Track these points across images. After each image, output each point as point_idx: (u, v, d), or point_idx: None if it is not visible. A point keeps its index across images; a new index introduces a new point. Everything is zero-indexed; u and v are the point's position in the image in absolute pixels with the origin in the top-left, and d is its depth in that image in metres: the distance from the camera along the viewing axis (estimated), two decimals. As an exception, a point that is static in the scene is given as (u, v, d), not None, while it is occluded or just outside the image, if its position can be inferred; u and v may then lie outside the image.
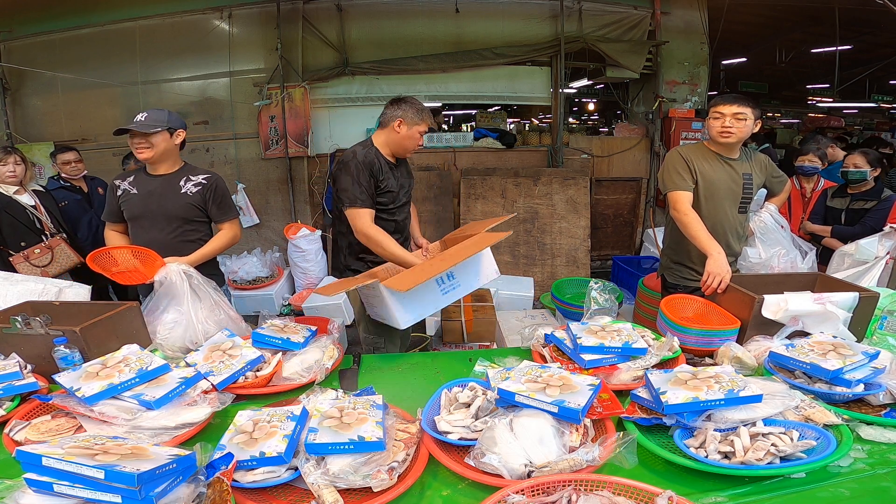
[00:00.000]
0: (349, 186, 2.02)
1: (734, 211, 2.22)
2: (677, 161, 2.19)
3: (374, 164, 2.08)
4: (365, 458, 1.05)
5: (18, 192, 2.88)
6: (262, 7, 4.64)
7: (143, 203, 2.10)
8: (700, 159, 2.19)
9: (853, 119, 11.91)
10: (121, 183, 2.15)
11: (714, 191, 2.18)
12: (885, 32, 6.51)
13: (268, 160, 4.86)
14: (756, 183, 2.26)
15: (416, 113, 2.12)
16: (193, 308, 1.81)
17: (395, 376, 1.65)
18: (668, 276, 2.38)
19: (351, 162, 2.05)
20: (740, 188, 2.20)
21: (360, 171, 2.04)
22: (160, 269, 1.85)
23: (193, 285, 1.85)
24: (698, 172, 2.17)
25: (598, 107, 11.51)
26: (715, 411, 1.15)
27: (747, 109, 2.08)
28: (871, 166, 2.98)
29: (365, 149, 2.13)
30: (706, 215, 2.16)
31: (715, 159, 2.20)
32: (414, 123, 2.12)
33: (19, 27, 4.70)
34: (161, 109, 2.12)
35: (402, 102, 2.14)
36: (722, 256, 1.92)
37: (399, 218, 2.26)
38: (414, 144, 2.18)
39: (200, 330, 1.78)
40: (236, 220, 2.26)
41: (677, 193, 2.15)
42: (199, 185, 2.14)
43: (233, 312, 1.94)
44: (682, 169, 2.17)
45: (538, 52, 4.95)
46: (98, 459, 0.89)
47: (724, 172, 2.19)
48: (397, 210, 2.22)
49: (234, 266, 4.66)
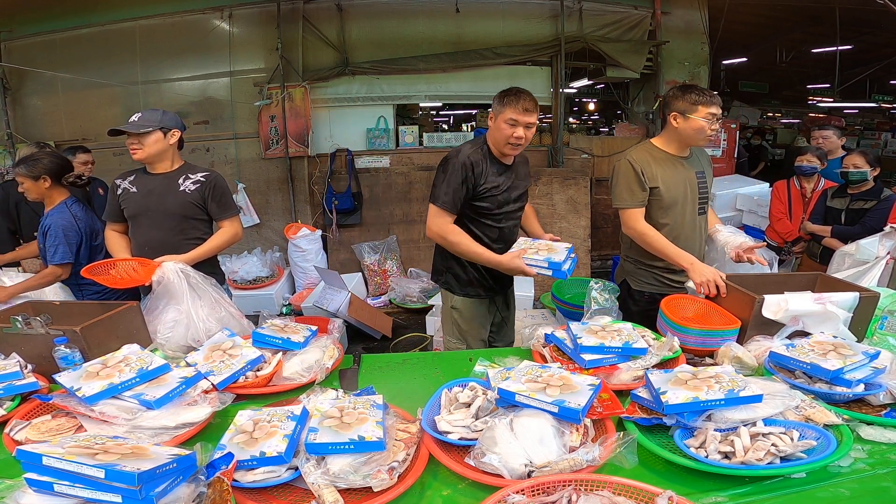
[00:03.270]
0: (438, 183, 1.95)
1: (695, 213, 2.09)
2: (628, 173, 2.00)
3: (478, 165, 1.93)
4: (365, 458, 1.05)
5: None
6: (262, 7, 4.64)
7: (143, 201, 2.10)
8: (652, 164, 2.01)
9: (853, 119, 11.91)
10: (121, 182, 2.15)
11: (674, 195, 2.02)
12: (885, 32, 6.52)
13: (268, 160, 4.86)
14: (708, 180, 2.13)
15: (499, 99, 1.91)
16: (193, 306, 1.81)
17: (395, 376, 1.65)
18: (631, 282, 2.19)
19: (450, 160, 1.94)
20: (696, 188, 2.07)
21: (454, 172, 1.92)
22: (156, 269, 1.85)
23: (192, 283, 1.85)
24: (654, 179, 2.00)
25: (598, 107, 11.52)
26: (715, 411, 1.15)
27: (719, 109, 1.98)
28: (870, 166, 2.99)
29: (473, 148, 1.98)
30: (670, 223, 2.04)
31: (668, 161, 2.04)
32: (498, 112, 1.90)
33: (19, 27, 4.71)
34: (156, 110, 2.11)
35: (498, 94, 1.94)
36: (697, 264, 1.88)
37: (506, 225, 2.08)
38: (503, 137, 1.91)
39: (202, 328, 1.77)
40: (237, 217, 2.23)
41: (629, 212, 2.02)
42: (197, 182, 2.13)
43: (234, 310, 1.94)
44: (633, 183, 2.00)
45: (538, 52, 4.95)
46: (98, 459, 0.89)
47: (680, 174, 2.04)
48: (504, 216, 2.06)
49: (235, 266, 4.66)
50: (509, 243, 2.06)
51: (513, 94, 1.90)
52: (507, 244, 2.06)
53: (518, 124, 1.89)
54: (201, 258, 2.09)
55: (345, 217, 4.87)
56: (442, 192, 1.94)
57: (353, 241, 4.91)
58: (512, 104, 1.87)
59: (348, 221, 4.89)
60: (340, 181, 4.86)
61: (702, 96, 1.94)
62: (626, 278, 2.23)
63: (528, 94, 1.92)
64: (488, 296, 2.18)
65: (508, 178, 2.04)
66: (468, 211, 2.03)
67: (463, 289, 2.14)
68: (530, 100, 1.91)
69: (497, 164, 2.01)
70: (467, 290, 2.14)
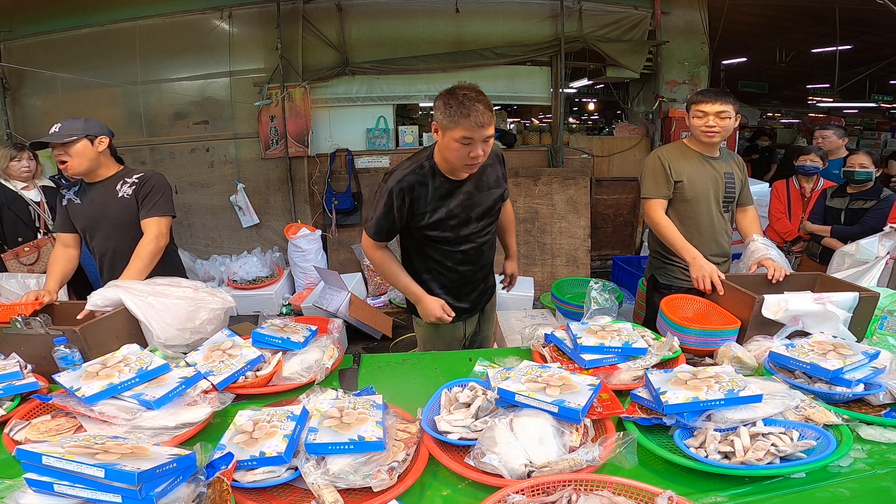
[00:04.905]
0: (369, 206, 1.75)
1: (718, 210, 2.19)
2: (656, 167, 2.15)
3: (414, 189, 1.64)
4: (365, 458, 1.05)
5: (27, 188, 2.92)
6: (262, 7, 4.63)
7: (88, 212, 2.00)
8: (680, 160, 2.15)
9: (853, 119, 11.91)
10: (66, 193, 2.05)
11: (697, 191, 2.14)
12: (885, 32, 6.52)
13: (268, 160, 4.86)
14: (737, 182, 2.22)
15: (445, 112, 1.51)
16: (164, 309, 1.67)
17: (395, 376, 1.65)
18: (659, 276, 2.33)
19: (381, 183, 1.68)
20: (723, 187, 2.17)
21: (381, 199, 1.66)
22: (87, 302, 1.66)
23: (142, 292, 1.69)
24: (681, 174, 2.13)
25: (598, 107, 11.52)
26: (715, 411, 1.15)
27: (730, 107, 2.05)
28: (875, 166, 2.99)
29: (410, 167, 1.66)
30: (691, 215, 2.15)
31: (696, 158, 2.17)
32: (446, 129, 1.53)
33: (19, 27, 4.70)
34: (77, 119, 1.95)
35: (438, 97, 1.54)
36: (700, 259, 1.95)
37: (470, 246, 1.78)
38: (458, 159, 1.56)
39: (186, 322, 1.67)
40: (164, 218, 1.97)
41: (651, 202, 2.15)
42: (133, 185, 1.98)
43: (208, 288, 1.82)
44: (658, 176, 2.14)
45: (538, 52, 4.94)
46: (98, 458, 0.89)
47: (706, 172, 2.15)
48: (465, 240, 1.76)
49: (235, 266, 4.66)
50: (479, 263, 1.86)
51: (462, 106, 1.47)
52: (475, 265, 1.84)
53: (475, 142, 1.51)
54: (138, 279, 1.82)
55: (345, 217, 4.87)
56: (371, 218, 1.70)
57: (353, 241, 4.91)
58: (462, 120, 1.47)
59: (348, 221, 4.89)
60: (340, 181, 4.86)
61: (698, 95, 2.13)
62: (654, 273, 2.35)
63: (481, 101, 1.49)
64: (457, 320, 1.87)
65: (465, 197, 1.70)
66: (419, 237, 1.77)
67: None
68: (484, 107, 1.49)
69: (447, 184, 1.67)
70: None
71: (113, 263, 2.00)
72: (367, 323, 3.87)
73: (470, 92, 1.50)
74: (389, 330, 4.03)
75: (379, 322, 3.98)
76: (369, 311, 4.00)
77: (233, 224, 5.03)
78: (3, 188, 2.89)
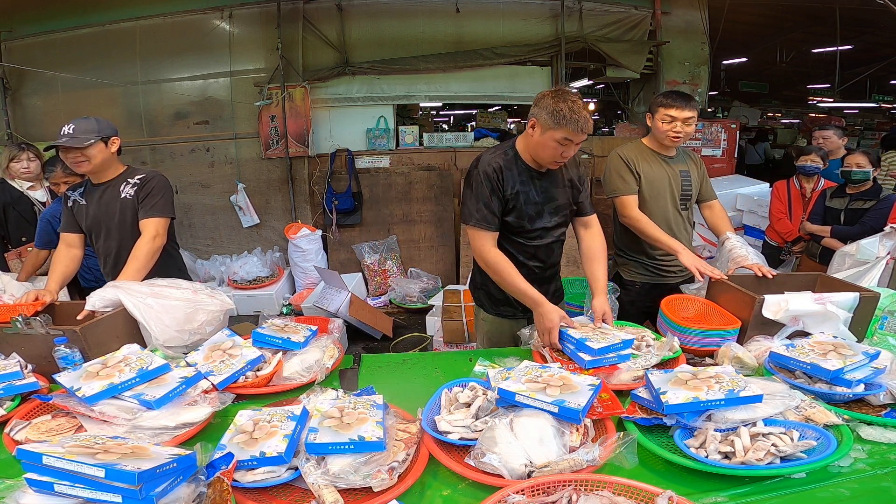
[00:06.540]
0: (466, 201, 1.74)
1: (675, 208, 2.22)
2: (619, 164, 2.17)
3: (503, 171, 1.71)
4: (365, 458, 1.05)
5: (33, 188, 2.93)
6: (262, 7, 4.64)
7: (93, 213, 2.03)
8: (640, 160, 2.18)
9: (854, 119, 11.91)
10: (72, 194, 2.08)
11: (656, 191, 2.18)
12: (885, 32, 6.52)
13: (268, 160, 4.86)
14: (694, 180, 2.25)
15: (552, 116, 1.59)
16: (162, 310, 1.66)
17: (395, 376, 1.65)
18: (624, 273, 2.32)
19: (472, 174, 1.74)
20: (679, 186, 2.21)
21: (479, 184, 1.71)
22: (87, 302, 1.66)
23: (141, 293, 1.68)
24: (640, 174, 2.16)
25: (598, 107, 11.50)
26: (715, 411, 1.15)
27: (695, 112, 2.09)
28: (872, 166, 2.98)
29: (495, 153, 1.75)
30: (650, 214, 2.15)
31: (654, 158, 2.20)
32: (548, 128, 1.61)
33: (19, 27, 4.71)
34: (88, 118, 1.94)
35: (544, 97, 1.63)
36: (686, 250, 2.01)
37: (541, 244, 1.84)
38: (548, 156, 1.66)
39: (185, 323, 1.67)
40: (162, 219, 1.98)
41: (623, 198, 2.15)
42: (135, 185, 2.01)
43: (208, 290, 1.82)
44: (624, 172, 2.15)
45: (538, 52, 4.94)
46: (98, 458, 0.89)
47: (663, 171, 2.19)
48: (538, 234, 1.82)
49: (235, 266, 4.67)
50: (548, 262, 1.90)
51: (572, 112, 1.58)
52: (545, 262, 1.89)
53: (571, 144, 1.63)
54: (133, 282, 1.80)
55: (345, 217, 4.87)
56: (473, 209, 1.72)
57: (353, 241, 4.91)
58: (570, 125, 1.58)
59: (348, 221, 4.90)
60: (340, 181, 4.86)
61: (665, 98, 2.11)
62: (618, 270, 2.35)
63: (586, 108, 1.62)
64: (524, 315, 1.93)
65: (543, 188, 1.79)
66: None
67: (495, 308, 1.96)
68: (588, 116, 1.62)
69: (528, 171, 1.76)
70: (500, 309, 1.96)
71: (117, 264, 2.01)
72: (368, 323, 3.87)
73: (578, 99, 1.62)
74: (390, 330, 4.04)
75: (379, 322, 3.98)
76: (370, 311, 4.00)
77: (233, 224, 5.03)
78: (8, 187, 2.89)
